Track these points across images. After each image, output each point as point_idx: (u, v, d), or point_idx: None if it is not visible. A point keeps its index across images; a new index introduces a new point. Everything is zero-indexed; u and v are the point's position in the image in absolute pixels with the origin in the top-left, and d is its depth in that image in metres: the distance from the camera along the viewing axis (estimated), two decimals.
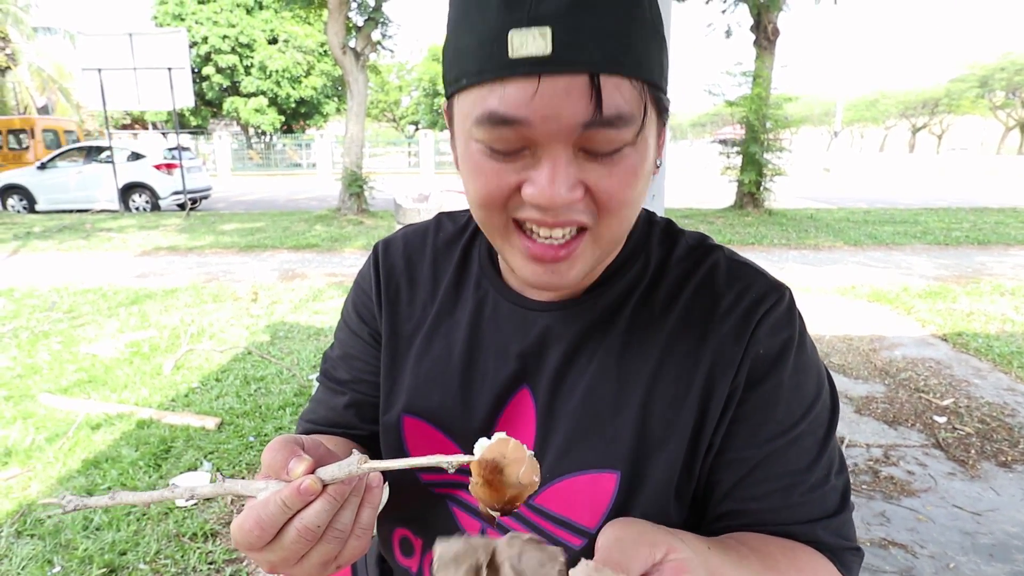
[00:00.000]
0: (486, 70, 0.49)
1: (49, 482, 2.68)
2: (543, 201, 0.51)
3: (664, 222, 0.73)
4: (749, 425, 0.62)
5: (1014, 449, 2.99)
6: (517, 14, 0.47)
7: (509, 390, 0.68)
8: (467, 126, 0.53)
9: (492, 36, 0.48)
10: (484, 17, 0.49)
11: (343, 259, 7.99)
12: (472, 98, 0.52)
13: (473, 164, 0.55)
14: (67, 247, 8.92)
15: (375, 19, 11.87)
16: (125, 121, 33.62)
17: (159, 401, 3.48)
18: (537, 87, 0.48)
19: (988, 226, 10.39)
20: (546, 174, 0.51)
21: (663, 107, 0.56)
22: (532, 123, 0.49)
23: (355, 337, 0.79)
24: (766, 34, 11.63)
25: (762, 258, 7.75)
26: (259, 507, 0.46)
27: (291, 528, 0.46)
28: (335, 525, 0.48)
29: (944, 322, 4.99)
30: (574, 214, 0.53)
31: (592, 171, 0.52)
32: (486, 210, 0.56)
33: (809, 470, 0.62)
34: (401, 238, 0.80)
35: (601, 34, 0.48)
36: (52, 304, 5.58)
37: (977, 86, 51.56)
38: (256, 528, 0.46)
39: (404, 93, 42.55)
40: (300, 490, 0.46)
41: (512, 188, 0.53)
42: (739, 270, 0.67)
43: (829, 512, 0.63)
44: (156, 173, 13.46)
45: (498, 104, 0.49)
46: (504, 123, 0.50)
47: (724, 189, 13.41)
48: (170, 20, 27.40)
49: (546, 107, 0.48)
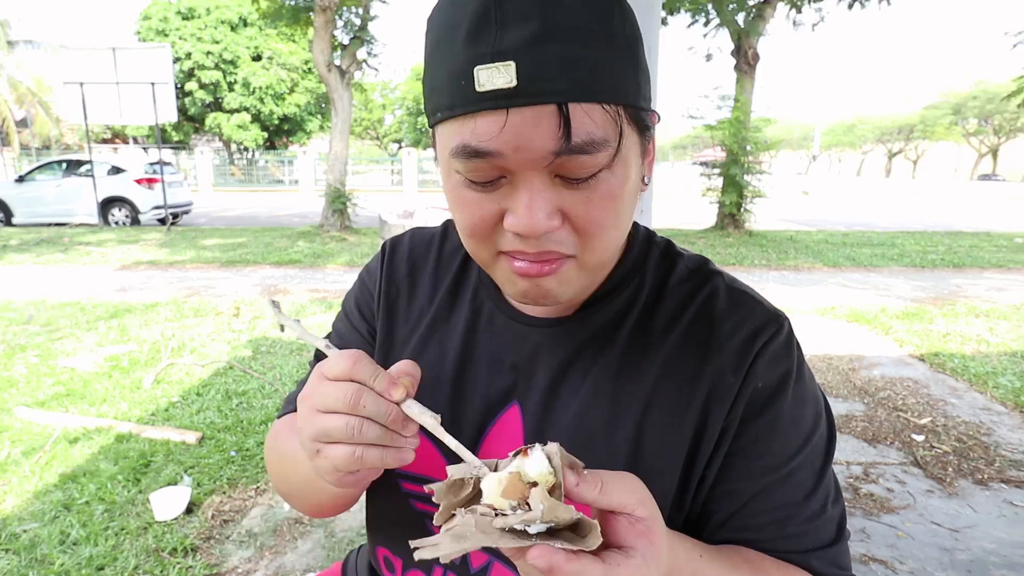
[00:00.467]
0: (456, 105, 0.50)
1: (25, 496, 2.61)
2: (522, 229, 0.52)
3: (664, 242, 0.73)
4: (745, 457, 0.62)
5: (990, 467, 3.05)
6: (482, 49, 0.48)
7: (499, 405, 0.68)
8: (446, 157, 0.54)
9: (460, 72, 0.49)
10: (452, 51, 0.50)
11: (326, 275, 7.95)
12: (448, 131, 0.53)
13: (456, 195, 0.56)
14: (45, 260, 8.77)
15: (361, 38, 11.97)
16: (106, 135, 33.30)
17: (139, 415, 3.42)
18: (506, 119, 0.48)
19: (963, 249, 10.63)
20: (523, 201, 0.52)
21: (644, 125, 0.56)
22: (504, 154, 0.50)
23: (353, 331, 0.79)
24: (746, 59, 11.89)
25: (744, 278, 7.77)
26: (366, 358, 0.52)
27: (350, 386, 0.50)
28: (363, 423, 0.50)
29: (921, 342, 5.08)
30: (555, 245, 0.54)
31: (570, 198, 0.52)
32: (474, 240, 0.57)
33: (806, 502, 0.62)
34: (408, 241, 0.80)
35: (568, 63, 0.48)
36: (29, 317, 5.48)
37: (951, 113, 53.06)
38: (350, 361, 0.51)
39: (388, 111, 42.68)
40: (390, 384, 0.51)
41: (495, 218, 0.54)
42: (739, 298, 0.66)
43: (825, 543, 0.63)
44: (137, 187, 13.31)
45: (470, 138, 0.50)
46: (477, 155, 0.50)
47: (705, 210, 13.59)
48: (154, 36, 27.33)
49: (516, 138, 0.49)
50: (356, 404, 0.50)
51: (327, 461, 0.51)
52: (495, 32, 0.48)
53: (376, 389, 0.50)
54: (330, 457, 0.51)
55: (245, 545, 2.37)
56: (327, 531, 2.48)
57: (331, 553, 2.34)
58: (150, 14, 27.89)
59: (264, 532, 2.45)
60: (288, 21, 12.39)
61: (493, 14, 0.48)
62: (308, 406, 0.52)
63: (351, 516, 2.55)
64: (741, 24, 12.00)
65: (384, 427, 0.51)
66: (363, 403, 0.50)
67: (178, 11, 27.74)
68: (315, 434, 0.51)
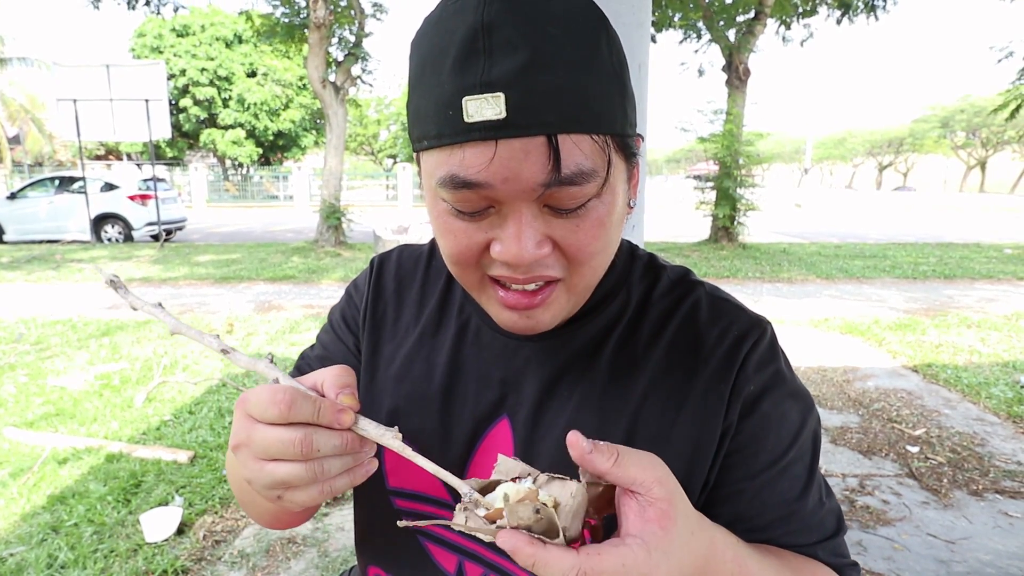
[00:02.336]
0: (444, 134, 0.49)
1: (12, 519, 2.58)
2: (511, 258, 0.52)
3: (647, 256, 0.73)
4: (743, 457, 0.63)
5: (985, 478, 3.05)
6: (470, 79, 0.47)
7: (489, 419, 0.67)
8: (432, 184, 0.53)
9: (447, 101, 0.48)
10: (439, 81, 0.49)
11: (320, 291, 7.93)
12: (434, 160, 0.52)
13: (442, 223, 0.55)
14: (36, 278, 8.72)
15: (355, 54, 12.05)
16: (99, 152, 33.29)
17: (130, 434, 3.39)
18: (495, 151, 0.48)
19: (954, 261, 10.71)
20: (512, 232, 0.51)
21: (631, 152, 0.56)
22: (493, 185, 0.49)
23: (338, 342, 0.79)
24: (737, 74, 12.02)
25: (737, 291, 7.88)
26: (300, 394, 0.48)
27: (299, 430, 0.48)
28: (323, 462, 0.49)
29: (914, 353, 5.10)
30: (543, 269, 0.54)
31: (559, 226, 0.52)
32: (460, 267, 0.57)
33: (804, 495, 0.63)
34: (396, 258, 0.80)
35: (557, 94, 0.47)
36: (19, 336, 5.44)
37: (939, 127, 53.67)
38: (284, 405, 0.47)
39: (383, 127, 42.83)
40: (337, 414, 0.48)
41: (482, 246, 0.54)
42: (721, 307, 0.67)
43: (828, 535, 0.64)
44: (130, 204, 13.31)
45: (458, 168, 0.50)
46: (465, 186, 0.50)
47: (699, 223, 13.66)
48: (148, 52, 27.48)
49: (505, 169, 0.48)
50: (310, 450, 0.48)
51: (293, 503, 0.50)
52: (483, 62, 0.47)
53: (324, 423, 0.48)
54: (296, 499, 0.50)
55: (237, 566, 2.34)
56: (320, 551, 2.45)
57: (324, 573, 2.32)
58: (145, 31, 28.04)
59: (257, 552, 2.43)
60: (283, 38, 12.49)
61: (481, 43, 0.47)
62: (250, 455, 0.50)
63: (346, 536, 2.53)
64: (732, 40, 12.15)
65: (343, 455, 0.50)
66: (317, 446, 0.48)
67: (173, 28, 27.90)
68: (271, 484, 0.49)
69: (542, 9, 0.48)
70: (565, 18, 0.49)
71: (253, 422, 0.49)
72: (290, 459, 0.48)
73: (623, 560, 0.41)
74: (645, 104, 1.53)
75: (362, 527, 0.77)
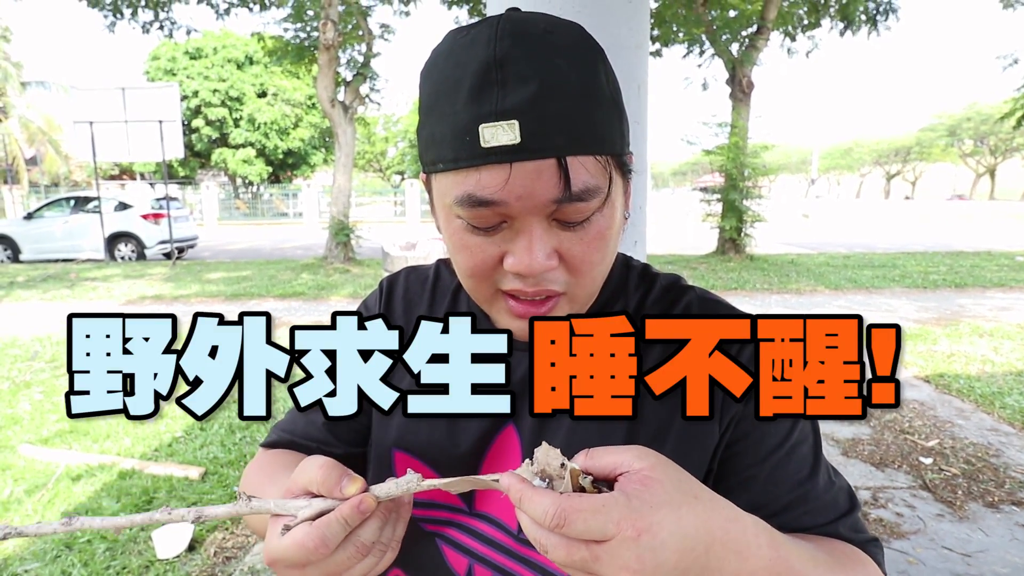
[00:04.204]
0: (461, 158, 0.54)
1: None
2: (523, 269, 0.56)
3: (641, 266, 0.77)
4: (749, 443, 0.65)
5: (1000, 489, 3.01)
6: (486, 108, 0.52)
7: (495, 428, 0.70)
8: (447, 202, 0.58)
9: (464, 128, 0.53)
10: (454, 109, 0.54)
11: (330, 307, 7.97)
12: (450, 181, 0.57)
13: (457, 239, 0.60)
14: (51, 296, 8.83)
15: (363, 74, 12.22)
16: (113, 172, 33.77)
17: (142, 451, 3.42)
18: (510, 173, 0.53)
19: (964, 269, 10.62)
20: (524, 245, 0.56)
21: (627, 169, 0.62)
22: (508, 203, 0.54)
23: None
24: (741, 87, 12.07)
25: (746, 302, 7.85)
26: (323, 525, 0.49)
27: (348, 544, 0.50)
28: (380, 539, 0.52)
29: (926, 364, 5.06)
30: (550, 283, 0.59)
31: (565, 239, 0.57)
32: (475, 280, 0.62)
33: (814, 474, 0.65)
34: (403, 280, 0.83)
35: (565, 121, 0.53)
36: (34, 354, 5.51)
37: (946, 135, 53.44)
38: (320, 545, 0.48)
39: (391, 144, 43.20)
40: (360, 508, 0.49)
41: (495, 260, 0.59)
42: (711, 307, 0.71)
43: (843, 511, 0.66)
44: (143, 223, 13.49)
45: (475, 188, 0.54)
46: (482, 204, 0.55)
47: (706, 235, 13.65)
48: (162, 75, 27.91)
49: (519, 188, 0.53)
50: (366, 548, 0.51)
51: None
52: (497, 92, 0.52)
53: (356, 525, 0.50)
54: (378, 571, 0.53)
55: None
56: None
57: None
58: (159, 54, 28.52)
59: (267, 568, 2.43)
60: (293, 59, 12.67)
61: (494, 75, 0.52)
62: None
63: None
64: (735, 54, 12.21)
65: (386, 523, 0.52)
66: (367, 540, 0.50)
67: (186, 51, 28.37)
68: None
69: (548, 42, 0.54)
70: (568, 50, 0.55)
71: (300, 569, 0.50)
72: (359, 562, 0.51)
73: (603, 502, 0.43)
74: (645, 122, 1.55)
75: None
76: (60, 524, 0.45)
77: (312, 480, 0.52)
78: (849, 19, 11.89)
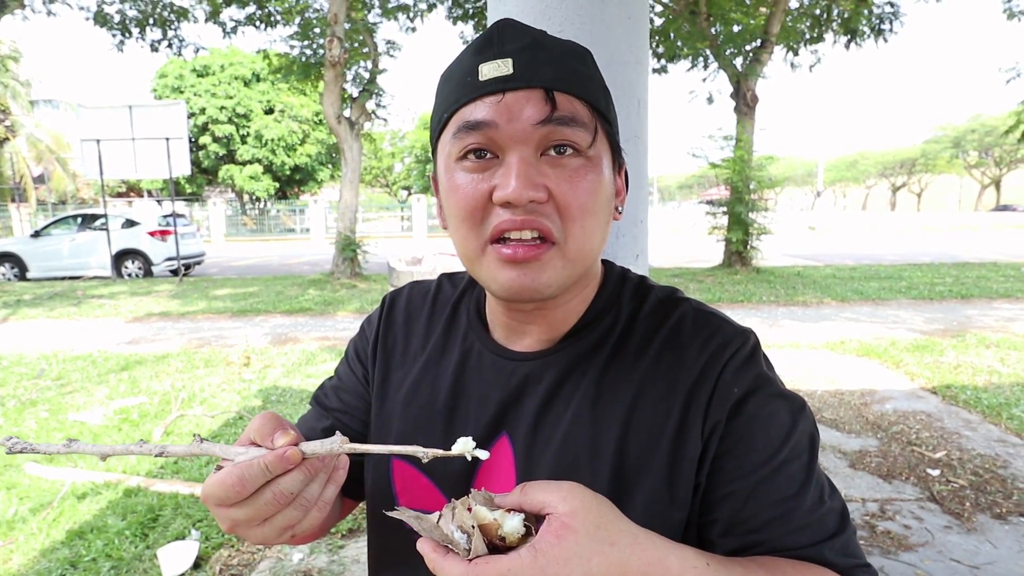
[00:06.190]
0: (462, 97, 0.62)
1: (32, 554, 2.61)
2: (509, 193, 0.58)
3: (637, 278, 0.78)
4: (733, 457, 0.64)
5: (1008, 501, 2.98)
6: (487, 54, 0.61)
7: (489, 437, 0.71)
8: (448, 152, 0.64)
9: (466, 71, 0.62)
10: (460, 63, 0.63)
11: (336, 323, 8.00)
12: (452, 127, 0.63)
13: (452, 186, 0.63)
14: (57, 314, 8.89)
15: (370, 90, 12.33)
16: (121, 189, 34.06)
17: (148, 469, 3.43)
18: (502, 98, 0.60)
19: (970, 280, 10.57)
20: (512, 171, 0.59)
21: (616, 144, 0.66)
22: (498, 124, 0.59)
23: (350, 373, 0.86)
24: (745, 101, 12.12)
25: (752, 315, 7.84)
26: (243, 467, 0.52)
27: (267, 490, 0.52)
28: (304, 494, 0.54)
29: (932, 375, 5.03)
30: (539, 216, 0.60)
31: (552, 176, 0.61)
32: (467, 225, 0.63)
33: (801, 494, 0.63)
34: (406, 295, 0.86)
35: (555, 63, 0.61)
36: (40, 372, 5.54)
37: (951, 147, 53.36)
38: (238, 484, 0.51)
39: (397, 159, 43.50)
40: (284, 457, 0.51)
41: (485, 196, 0.61)
42: (705, 320, 0.70)
43: (831, 533, 0.63)
44: (150, 240, 13.59)
45: (471, 115, 0.61)
46: (476, 127, 0.60)
47: (712, 248, 13.64)
48: (169, 92, 28.26)
49: (510, 111, 0.59)
50: (285, 497, 0.53)
51: (305, 530, 0.56)
52: (496, 46, 0.62)
53: (279, 473, 0.52)
54: (306, 527, 0.56)
55: None
56: None
57: None
58: (166, 72, 28.90)
59: None
60: (299, 76, 12.82)
61: (495, 37, 0.62)
62: (245, 529, 0.55)
63: (361, 568, 2.53)
64: (739, 68, 12.28)
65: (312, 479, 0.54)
66: (288, 491, 0.53)
67: (193, 68, 28.73)
68: (279, 534, 0.55)
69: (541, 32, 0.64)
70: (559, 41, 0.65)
71: (226, 508, 0.53)
72: (278, 510, 0.53)
73: (509, 566, 0.45)
74: (645, 138, 1.56)
75: (377, 552, 0.80)
76: (62, 446, 0.51)
77: (253, 429, 0.55)
78: (853, 31, 11.93)
